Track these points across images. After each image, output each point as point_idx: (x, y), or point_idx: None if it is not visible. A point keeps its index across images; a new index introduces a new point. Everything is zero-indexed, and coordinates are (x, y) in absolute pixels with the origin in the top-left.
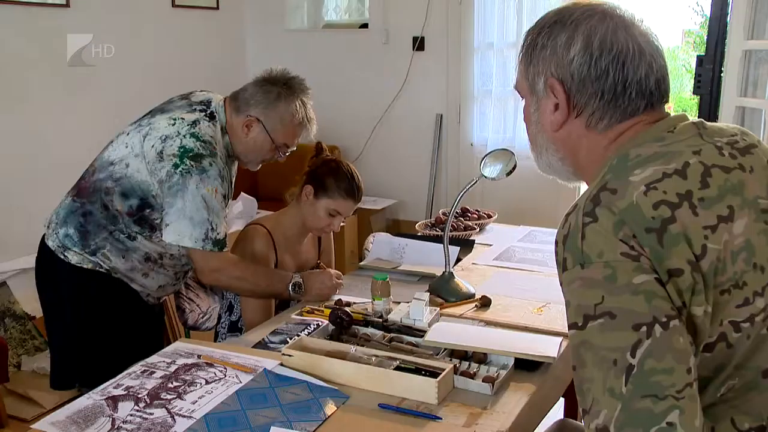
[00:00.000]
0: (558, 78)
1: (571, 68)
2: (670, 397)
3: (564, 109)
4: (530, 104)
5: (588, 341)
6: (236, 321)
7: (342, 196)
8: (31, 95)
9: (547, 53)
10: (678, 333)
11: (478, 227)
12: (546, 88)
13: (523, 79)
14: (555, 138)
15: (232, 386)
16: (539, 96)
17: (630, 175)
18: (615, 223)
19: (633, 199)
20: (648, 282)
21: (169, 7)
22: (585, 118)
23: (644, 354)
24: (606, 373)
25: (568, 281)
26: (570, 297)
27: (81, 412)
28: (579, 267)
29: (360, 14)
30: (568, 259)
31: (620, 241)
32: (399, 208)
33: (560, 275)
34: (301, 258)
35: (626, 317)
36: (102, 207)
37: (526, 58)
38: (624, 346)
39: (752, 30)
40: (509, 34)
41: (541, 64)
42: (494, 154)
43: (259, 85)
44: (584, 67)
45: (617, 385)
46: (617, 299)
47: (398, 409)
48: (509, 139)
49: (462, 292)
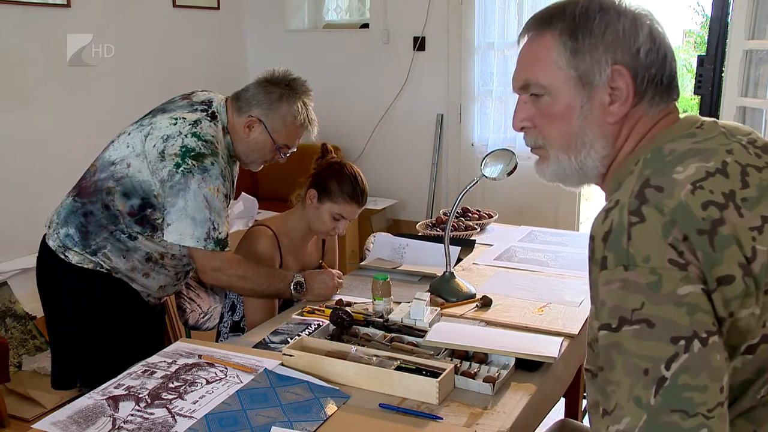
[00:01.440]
0: (626, 65)
1: (639, 55)
2: (700, 415)
3: (630, 98)
4: (575, 98)
5: (620, 345)
6: (239, 321)
7: (346, 200)
8: (31, 95)
9: (609, 39)
10: (715, 350)
11: (478, 227)
12: (610, 76)
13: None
14: (609, 132)
15: (233, 386)
16: (594, 86)
17: (672, 172)
18: (664, 225)
19: (681, 199)
20: (693, 294)
21: (169, 7)
22: (640, 108)
23: (679, 369)
24: (635, 381)
25: (607, 281)
26: (606, 297)
27: (82, 412)
28: (622, 268)
29: (360, 14)
30: (609, 258)
31: (669, 246)
32: (400, 208)
33: (595, 272)
34: (305, 259)
35: (665, 328)
36: (103, 207)
37: (573, 47)
38: (658, 357)
39: (753, 30)
40: (510, 34)
41: (601, 52)
42: (495, 154)
43: (261, 86)
44: (651, 53)
45: (645, 395)
46: (658, 308)
47: (399, 409)
48: (510, 139)
49: (463, 292)
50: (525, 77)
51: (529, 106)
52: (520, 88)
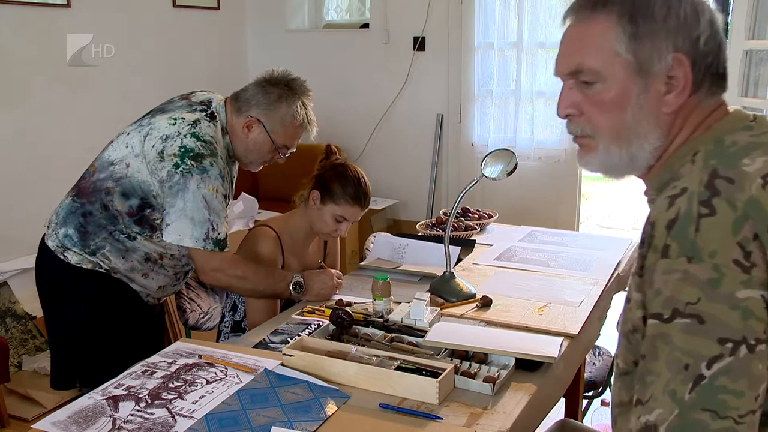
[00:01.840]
0: (686, 53)
1: (699, 43)
2: (730, 419)
3: (687, 88)
4: (631, 86)
5: (668, 336)
6: (240, 321)
7: (348, 202)
8: (31, 95)
9: (670, 25)
10: (759, 359)
11: (478, 227)
12: (670, 65)
13: (618, 59)
14: (664, 122)
15: (233, 386)
16: (651, 74)
17: (741, 165)
18: (735, 221)
19: (752, 192)
20: (751, 300)
21: (169, 7)
22: (696, 98)
23: (720, 370)
24: (674, 375)
25: (667, 270)
26: (663, 286)
27: (82, 412)
28: (685, 259)
29: (360, 14)
30: (673, 247)
31: (737, 245)
32: (400, 208)
33: (652, 259)
34: (307, 260)
35: (715, 327)
36: (102, 207)
37: (633, 32)
38: (702, 355)
39: (753, 30)
40: (510, 34)
41: (662, 38)
42: (495, 154)
43: (260, 86)
44: (710, 41)
45: (681, 390)
46: (713, 306)
47: (399, 409)
48: (510, 139)
49: (463, 292)
50: (577, 62)
51: (575, 92)
52: (569, 73)
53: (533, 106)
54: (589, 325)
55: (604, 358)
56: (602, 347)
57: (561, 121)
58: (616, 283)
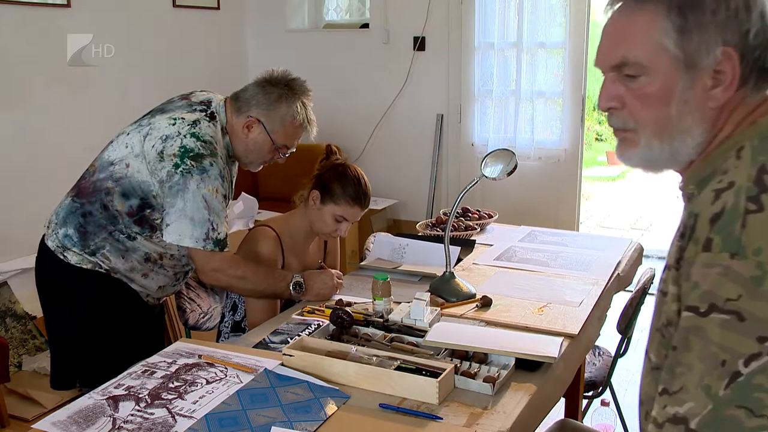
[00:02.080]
0: (735, 47)
1: (749, 37)
2: (765, 417)
3: (735, 83)
4: (677, 80)
5: (703, 330)
6: (240, 321)
7: (348, 203)
8: (31, 95)
9: (720, 18)
10: None
11: (478, 227)
12: (719, 59)
13: (666, 53)
14: (709, 117)
15: (233, 386)
16: (698, 69)
17: None
18: None
19: None
20: None
21: (169, 7)
22: (742, 92)
23: (758, 368)
24: (709, 370)
25: (707, 263)
26: (701, 279)
27: (82, 412)
28: (728, 255)
29: (360, 14)
30: (716, 241)
31: None
32: (400, 208)
33: (692, 251)
34: (307, 260)
35: (756, 325)
36: (102, 207)
37: (681, 25)
38: (740, 352)
39: None
40: (510, 34)
41: (711, 32)
42: (495, 154)
43: (260, 86)
44: (759, 35)
45: (716, 385)
46: (754, 304)
47: (399, 409)
48: (510, 139)
49: (463, 292)
50: (622, 55)
51: (618, 85)
52: (613, 66)
53: (533, 106)
54: (589, 325)
55: (604, 358)
56: (602, 347)
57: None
58: (616, 283)
